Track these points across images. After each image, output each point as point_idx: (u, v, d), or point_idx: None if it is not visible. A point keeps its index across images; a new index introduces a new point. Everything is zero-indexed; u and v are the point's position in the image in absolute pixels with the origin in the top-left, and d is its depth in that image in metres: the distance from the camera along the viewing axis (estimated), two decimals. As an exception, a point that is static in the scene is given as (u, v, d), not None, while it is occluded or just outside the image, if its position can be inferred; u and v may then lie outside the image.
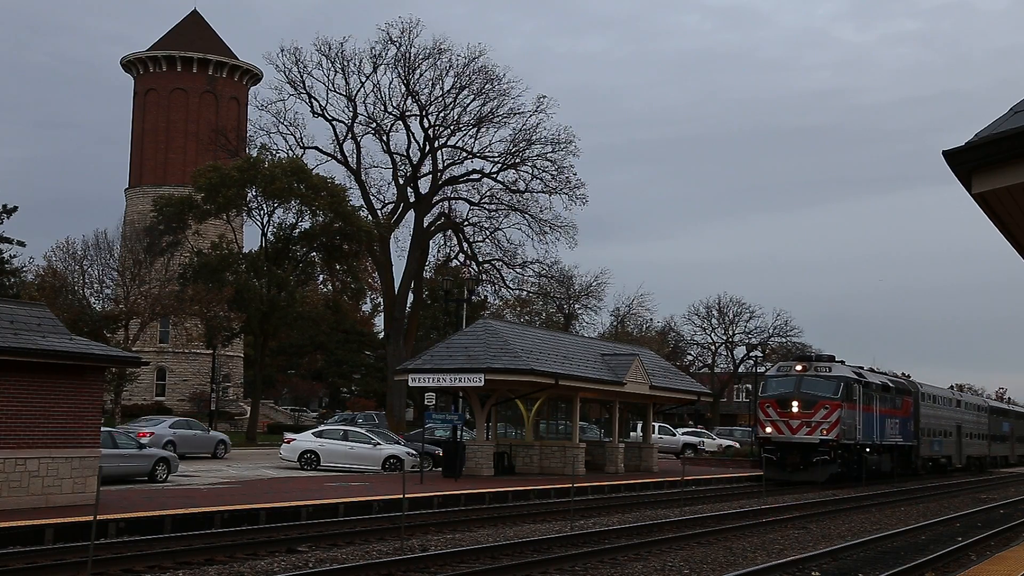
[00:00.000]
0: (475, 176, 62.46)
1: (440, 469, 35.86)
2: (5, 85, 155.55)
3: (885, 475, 44.34)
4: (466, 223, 63.26)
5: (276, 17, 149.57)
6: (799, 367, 40.99)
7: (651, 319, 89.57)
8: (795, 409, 39.22)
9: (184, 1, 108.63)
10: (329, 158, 62.38)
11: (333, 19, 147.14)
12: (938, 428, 53.46)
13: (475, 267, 62.33)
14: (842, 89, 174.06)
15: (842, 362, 43.25)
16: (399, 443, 40.21)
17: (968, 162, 7.20)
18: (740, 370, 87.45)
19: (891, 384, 46.38)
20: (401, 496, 20.52)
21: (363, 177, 61.42)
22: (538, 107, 60.62)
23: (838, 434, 38.98)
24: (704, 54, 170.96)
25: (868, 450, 42.14)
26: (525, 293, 69.13)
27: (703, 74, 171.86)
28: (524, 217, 61.82)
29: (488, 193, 62.74)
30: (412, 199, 61.78)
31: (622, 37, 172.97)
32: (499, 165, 61.82)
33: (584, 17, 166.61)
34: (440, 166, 61.70)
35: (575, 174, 61.49)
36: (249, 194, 58.59)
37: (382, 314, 68.96)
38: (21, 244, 61.78)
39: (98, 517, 14.26)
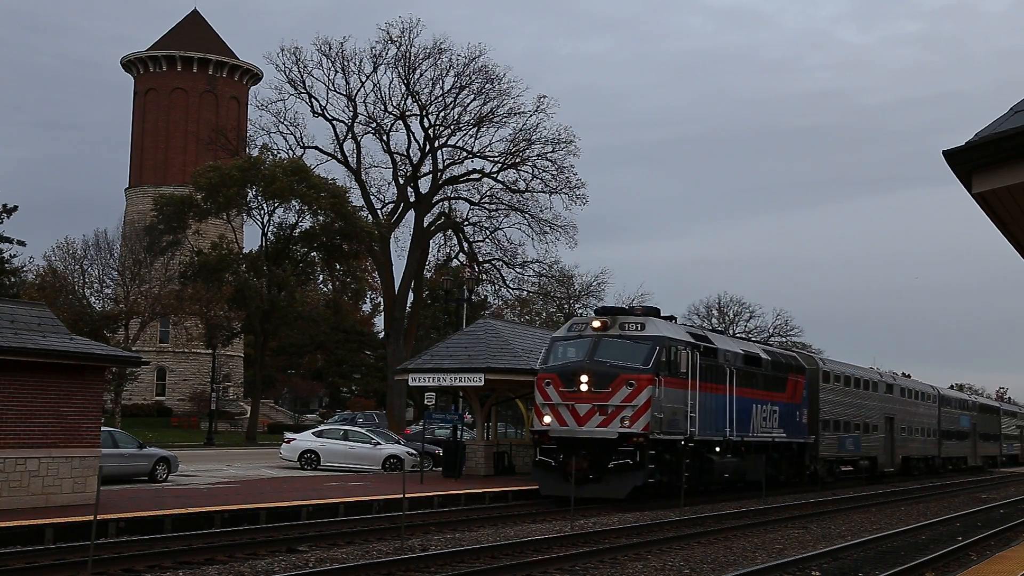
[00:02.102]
0: (475, 176, 62.45)
1: (440, 469, 35.87)
2: (8, 86, 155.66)
3: (753, 485, 32.70)
4: (466, 223, 63.26)
5: (276, 17, 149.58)
6: (596, 323, 27.84)
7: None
8: (584, 388, 26.59)
9: (184, 1, 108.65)
10: (329, 158, 62.40)
11: (334, 20, 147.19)
12: (853, 420, 42.61)
13: (475, 267, 62.29)
14: (844, 90, 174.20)
15: (670, 317, 31.39)
16: (399, 443, 40.22)
17: (968, 162, 7.20)
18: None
19: (764, 356, 34.69)
20: (401, 496, 20.53)
21: (363, 177, 61.41)
22: (538, 107, 60.63)
23: (648, 424, 26.39)
24: (707, 55, 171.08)
25: (718, 449, 30.44)
26: (525, 293, 69.13)
27: (705, 75, 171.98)
28: (524, 217, 61.84)
29: (488, 193, 62.76)
30: (412, 199, 61.76)
31: (625, 38, 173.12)
32: (499, 165, 61.83)
33: (587, 19, 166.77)
34: (440, 166, 61.70)
35: (575, 174, 61.50)
36: (249, 194, 58.60)
37: (382, 314, 68.96)
38: (21, 244, 61.89)
39: (98, 517, 14.26)
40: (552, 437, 27.04)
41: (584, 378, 26.70)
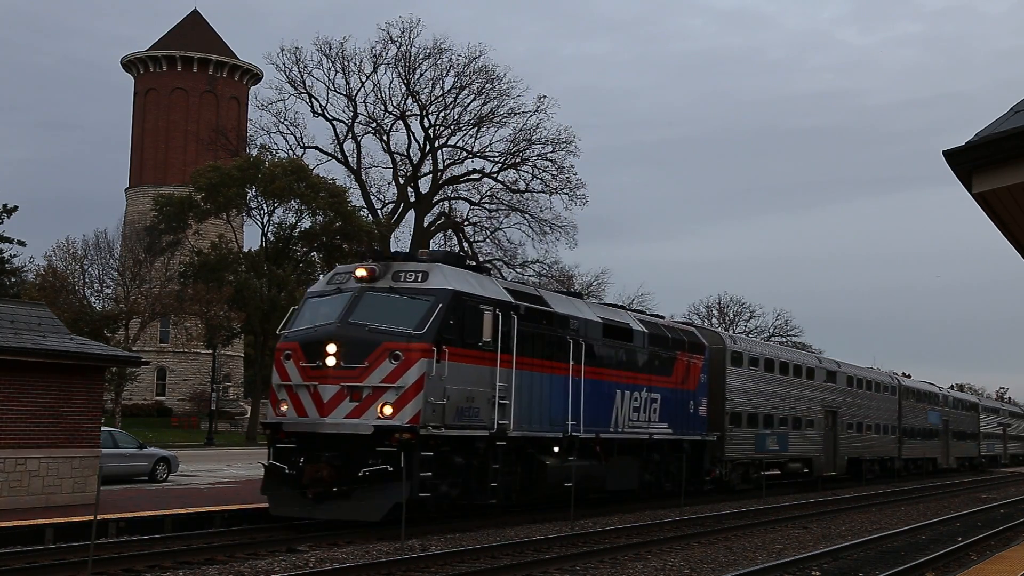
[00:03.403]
0: (475, 176, 62.55)
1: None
2: (10, 87, 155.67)
3: (619, 497, 26.78)
4: (466, 223, 63.33)
5: (276, 17, 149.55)
6: (361, 272, 20.07)
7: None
8: (331, 362, 18.83)
9: (184, 1, 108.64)
10: (329, 158, 62.54)
11: (334, 20, 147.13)
12: (778, 413, 35.30)
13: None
14: (845, 91, 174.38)
15: (482, 269, 24.21)
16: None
17: (968, 162, 7.20)
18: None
19: (637, 327, 26.68)
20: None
21: (363, 177, 61.51)
22: (538, 107, 60.78)
23: (419, 414, 18.66)
24: (708, 56, 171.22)
25: (556, 449, 22.83)
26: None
27: (707, 76, 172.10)
28: (524, 217, 61.94)
29: (488, 193, 62.88)
30: (412, 199, 61.82)
31: (627, 39, 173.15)
32: (499, 165, 61.93)
33: (589, 20, 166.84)
34: (440, 166, 61.77)
35: (575, 174, 61.62)
36: (249, 194, 58.62)
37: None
38: (21, 244, 61.88)
39: (98, 517, 14.25)
40: (288, 433, 19.28)
41: (331, 348, 18.74)
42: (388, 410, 18.75)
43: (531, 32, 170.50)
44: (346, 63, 60.81)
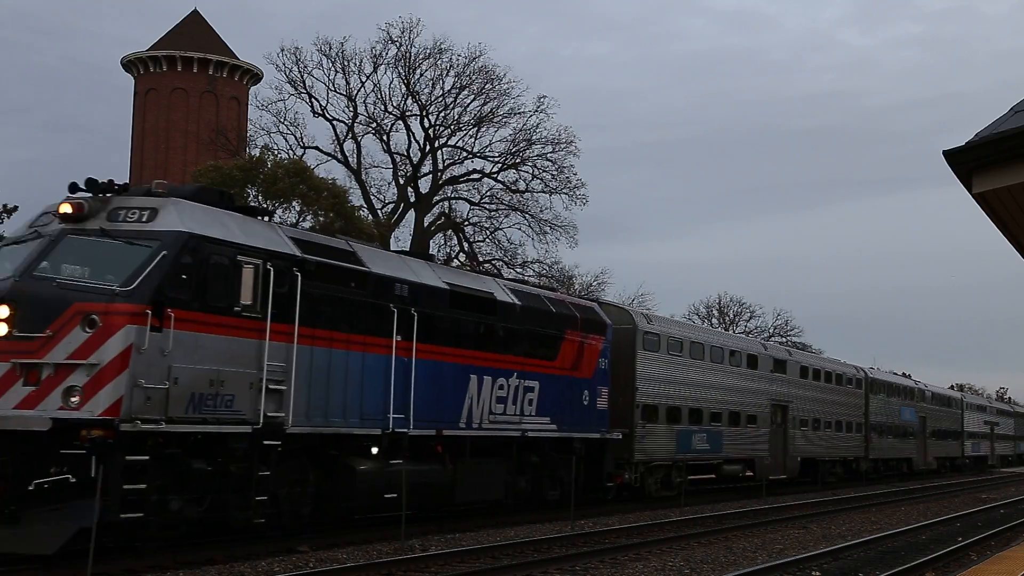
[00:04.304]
0: (475, 176, 62.50)
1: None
2: (13, 87, 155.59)
3: (477, 510, 22.00)
4: (466, 223, 63.28)
5: (277, 17, 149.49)
6: (66, 208, 15.07)
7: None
8: (2, 331, 14.02)
9: (184, 1, 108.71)
10: (329, 158, 62.44)
11: (334, 20, 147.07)
12: (708, 407, 30.82)
13: (475, 267, 62.32)
14: (845, 91, 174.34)
15: (263, 213, 19.21)
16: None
17: (968, 162, 7.21)
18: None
19: (503, 297, 22.03)
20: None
21: (363, 177, 61.46)
22: (538, 107, 60.67)
23: (118, 401, 13.85)
24: (709, 57, 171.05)
25: (375, 450, 18.33)
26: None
27: (708, 76, 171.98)
28: (524, 217, 61.88)
29: (488, 193, 62.81)
30: (412, 199, 61.80)
31: (628, 40, 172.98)
32: (499, 165, 61.88)
33: (590, 21, 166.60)
34: (440, 166, 61.75)
35: (575, 174, 61.53)
36: (250, 194, 58.58)
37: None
38: (21, 244, 61.79)
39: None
40: None
41: (4, 312, 14.03)
42: (76, 398, 13.85)
43: (532, 33, 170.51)
44: (346, 63, 60.78)
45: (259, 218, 17.71)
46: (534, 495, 23.34)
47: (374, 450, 18.41)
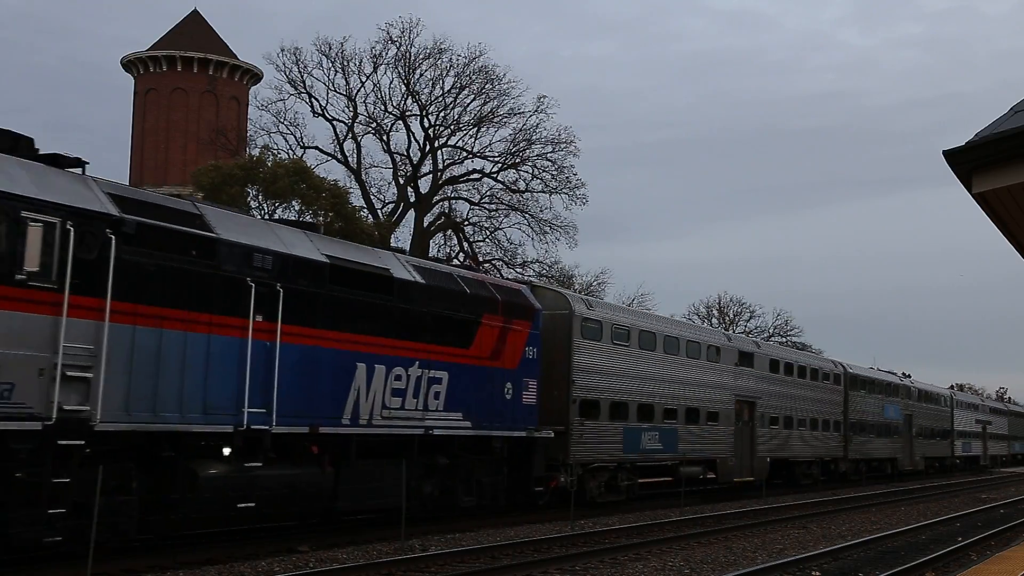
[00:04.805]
0: (475, 176, 62.51)
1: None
2: (14, 88, 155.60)
3: (372, 520, 19.80)
4: (466, 223, 63.28)
5: (277, 17, 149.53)
6: None
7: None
8: None
9: (184, 1, 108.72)
10: (329, 158, 62.45)
11: (335, 20, 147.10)
12: (660, 402, 28.05)
13: (475, 267, 62.35)
14: (846, 91, 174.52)
15: (50, 155, 14.37)
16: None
17: (968, 162, 7.21)
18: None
19: (399, 276, 19.17)
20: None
21: (363, 177, 61.47)
22: (538, 107, 60.68)
23: None
24: (710, 57, 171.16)
25: (228, 451, 15.68)
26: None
27: (708, 77, 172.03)
28: (524, 217, 61.88)
29: (488, 193, 62.82)
30: (412, 199, 61.81)
31: (629, 41, 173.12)
32: (499, 165, 61.88)
33: (591, 21, 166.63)
34: (440, 166, 61.76)
35: (575, 174, 61.53)
36: (250, 194, 58.59)
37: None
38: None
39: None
40: None
41: None
42: None
43: (533, 33, 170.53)
44: (346, 63, 60.78)
45: (74, 170, 14.38)
46: (443, 502, 20.36)
47: (226, 451, 15.55)
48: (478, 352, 21.15)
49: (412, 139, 61.38)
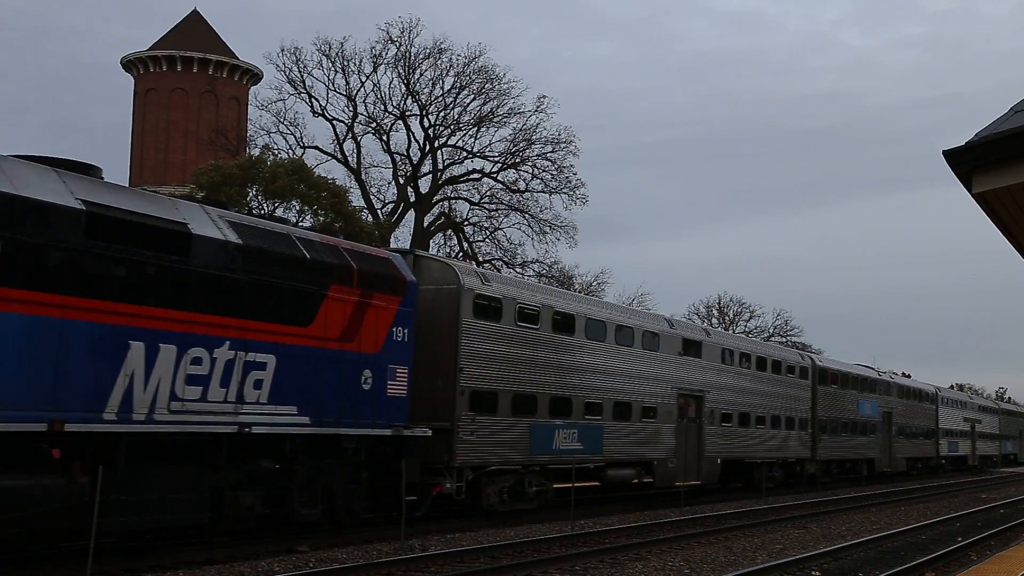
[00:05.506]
0: (475, 176, 62.54)
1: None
2: (16, 89, 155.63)
3: (134, 534, 15.62)
4: (466, 223, 63.30)
5: (277, 17, 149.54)
6: None
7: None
8: None
9: (184, 1, 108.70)
10: (329, 158, 62.47)
11: (335, 20, 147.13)
12: (576, 395, 24.45)
13: (475, 267, 62.35)
14: (846, 92, 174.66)
15: None
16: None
17: (968, 162, 7.21)
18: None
19: (200, 233, 15.24)
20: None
21: (363, 177, 61.48)
22: (538, 107, 60.70)
23: None
24: (711, 57, 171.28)
25: None
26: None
27: (709, 77, 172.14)
28: (524, 217, 61.90)
29: (488, 193, 62.83)
30: (412, 199, 61.82)
31: (630, 41, 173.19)
32: (499, 165, 61.90)
33: (592, 22, 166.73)
34: (440, 166, 61.77)
35: (575, 174, 61.56)
36: (250, 193, 58.61)
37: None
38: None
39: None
40: None
41: None
42: None
43: (534, 34, 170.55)
44: (346, 63, 60.79)
45: None
46: (271, 515, 16.66)
47: None
48: (321, 332, 17.17)
49: (412, 139, 61.44)
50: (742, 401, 32.75)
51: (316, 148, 62.18)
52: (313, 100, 61.47)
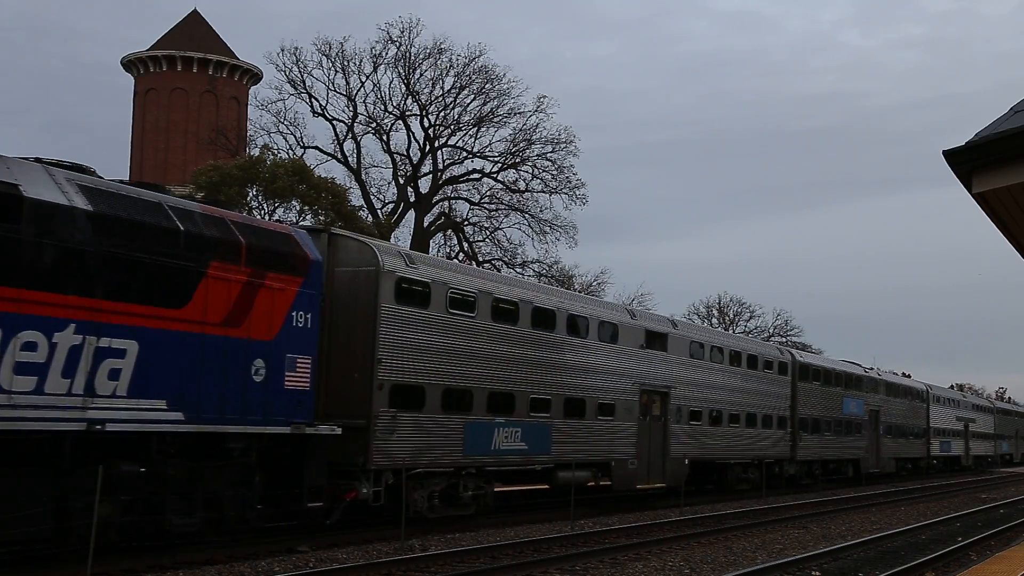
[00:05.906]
0: (475, 176, 62.54)
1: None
2: (16, 89, 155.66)
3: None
4: (466, 223, 63.30)
5: (277, 17, 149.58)
6: None
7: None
8: None
9: (184, 1, 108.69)
10: (329, 158, 62.47)
11: (335, 20, 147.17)
12: (519, 389, 22.24)
13: (475, 267, 62.35)
14: (846, 92, 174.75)
15: None
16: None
17: (968, 162, 7.21)
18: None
19: (26, 195, 12.70)
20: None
21: (363, 177, 61.47)
22: (538, 107, 60.70)
23: None
24: (711, 58, 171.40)
25: None
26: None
27: (710, 77, 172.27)
28: (524, 217, 61.90)
29: (488, 193, 62.83)
30: (412, 199, 61.82)
31: (631, 41, 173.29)
32: (499, 165, 61.89)
33: (593, 22, 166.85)
34: (440, 166, 61.77)
35: (575, 174, 61.56)
36: (250, 193, 58.60)
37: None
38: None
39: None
40: None
41: None
42: None
43: (534, 34, 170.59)
44: (346, 63, 60.78)
45: None
46: (135, 525, 14.41)
47: None
48: (199, 315, 14.94)
49: (412, 139, 61.43)
50: (713, 398, 30.84)
51: (316, 148, 62.22)
52: (313, 100, 61.51)
